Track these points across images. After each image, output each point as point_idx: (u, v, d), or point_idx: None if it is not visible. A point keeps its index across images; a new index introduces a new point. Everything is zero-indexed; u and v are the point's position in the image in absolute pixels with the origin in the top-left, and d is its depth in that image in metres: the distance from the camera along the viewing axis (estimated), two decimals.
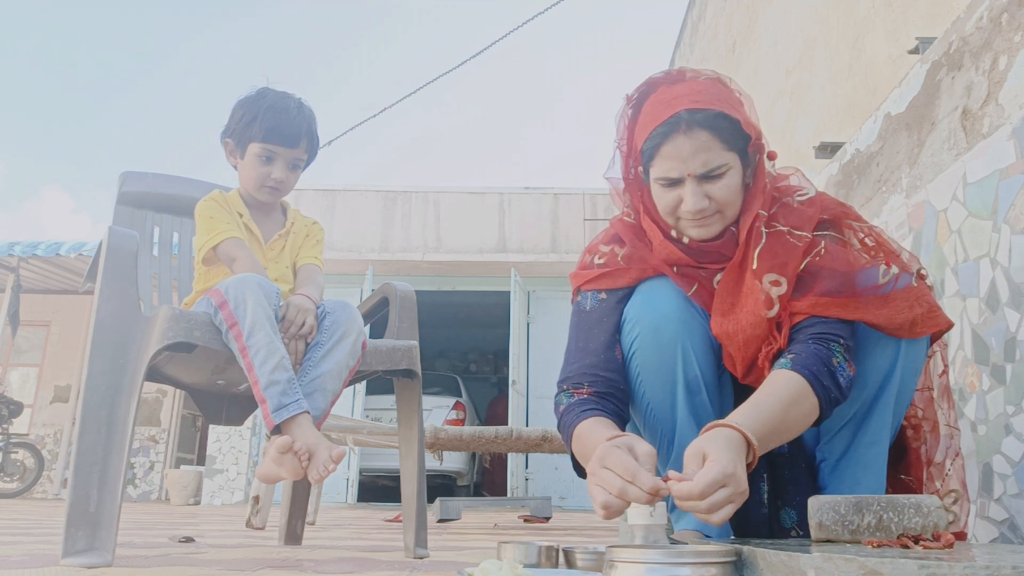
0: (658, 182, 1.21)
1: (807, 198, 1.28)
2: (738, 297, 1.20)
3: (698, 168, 1.16)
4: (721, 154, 1.17)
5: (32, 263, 7.48)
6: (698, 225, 1.21)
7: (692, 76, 1.23)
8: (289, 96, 1.77)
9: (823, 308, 1.14)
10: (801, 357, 1.10)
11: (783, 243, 1.21)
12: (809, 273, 1.18)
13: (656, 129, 1.17)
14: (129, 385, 1.44)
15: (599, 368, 1.23)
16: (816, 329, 1.14)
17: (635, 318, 1.23)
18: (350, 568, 1.42)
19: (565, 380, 1.25)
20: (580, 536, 2.95)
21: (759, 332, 1.17)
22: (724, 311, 1.21)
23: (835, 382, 1.09)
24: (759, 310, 1.17)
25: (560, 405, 1.24)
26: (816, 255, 1.20)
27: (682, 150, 1.16)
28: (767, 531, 1.25)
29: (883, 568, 0.69)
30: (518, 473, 7.52)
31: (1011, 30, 1.63)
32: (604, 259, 1.32)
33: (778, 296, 1.17)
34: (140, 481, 8.36)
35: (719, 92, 1.20)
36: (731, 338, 1.19)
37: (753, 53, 5.52)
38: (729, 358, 1.23)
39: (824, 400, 1.09)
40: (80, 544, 1.33)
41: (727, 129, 1.17)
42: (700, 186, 1.18)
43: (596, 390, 1.21)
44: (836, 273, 1.17)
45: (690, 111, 1.15)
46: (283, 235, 1.82)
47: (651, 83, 1.25)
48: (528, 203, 8.26)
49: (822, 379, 1.08)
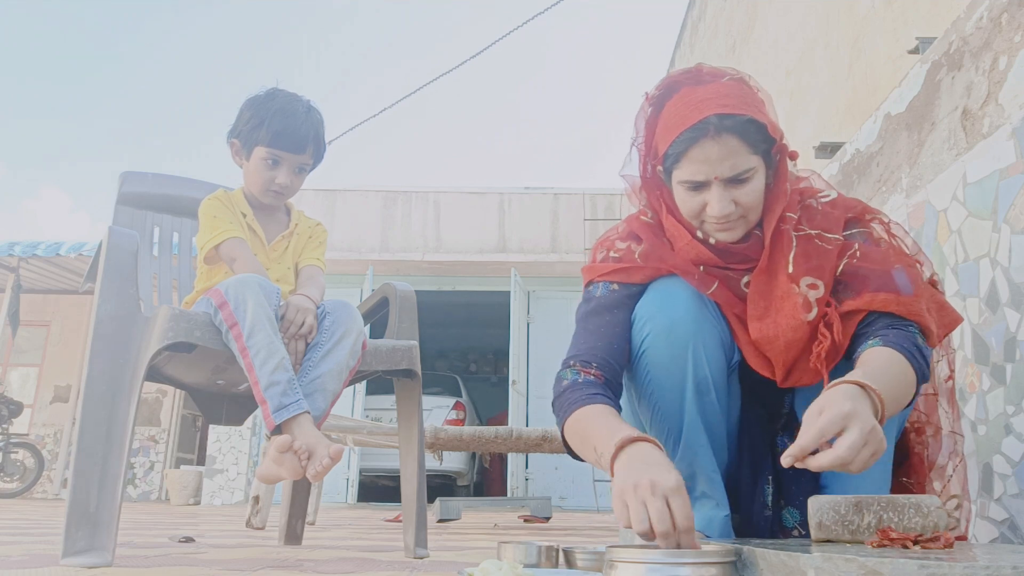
0: (683, 185, 1.21)
1: (830, 200, 1.29)
2: (772, 301, 1.20)
3: (726, 172, 1.16)
4: (748, 158, 1.16)
5: (32, 263, 7.47)
6: (723, 229, 1.21)
7: (713, 76, 1.22)
8: (298, 99, 1.75)
9: (881, 304, 1.14)
10: (889, 338, 1.10)
11: (815, 247, 1.21)
12: (851, 275, 1.19)
13: (684, 133, 1.16)
14: (129, 385, 1.44)
15: (609, 355, 1.22)
16: (887, 320, 1.14)
17: (647, 316, 1.23)
18: (350, 568, 1.42)
19: (573, 357, 1.23)
20: (580, 536, 2.95)
21: (799, 335, 1.17)
22: (759, 316, 1.20)
23: (925, 360, 1.09)
24: (797, 314, 1.17)
25: (564, 380, 1.21)
26: (852, 257, 1.20)
27: (710, 155, 1.15)
28: (769, 531, 1.25)
29: (883, 568, 0.69)
30: (518, 473, 7.52)
31: (1011, 30, 1.63)
32: (620, 255, 1.31)
33: (815, 299, 1.17)
34: (140, 481, 8.36)
35: (744, 95, 1.19)
36: (771, 342, 1.19)
37: (753, 53, 5.52)
38: (764, 362, 1.22)
39: (920, 376, 1.08)
40: (80, 544, 1.33)
41: (754, 133, 1.16)
42: (726, 190, 1.18)
43: (605, 375, 1.19)
44: (878, 273, 1.17)
45: (720, 116, 1.15)
46: (287, 236, 1.82)
47: (673, 82, 1.24)
48: (528, 203, 8.26)
49: (913, 353, 1.08)
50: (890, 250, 1.23)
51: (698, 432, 1.20)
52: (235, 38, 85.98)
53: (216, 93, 75.13)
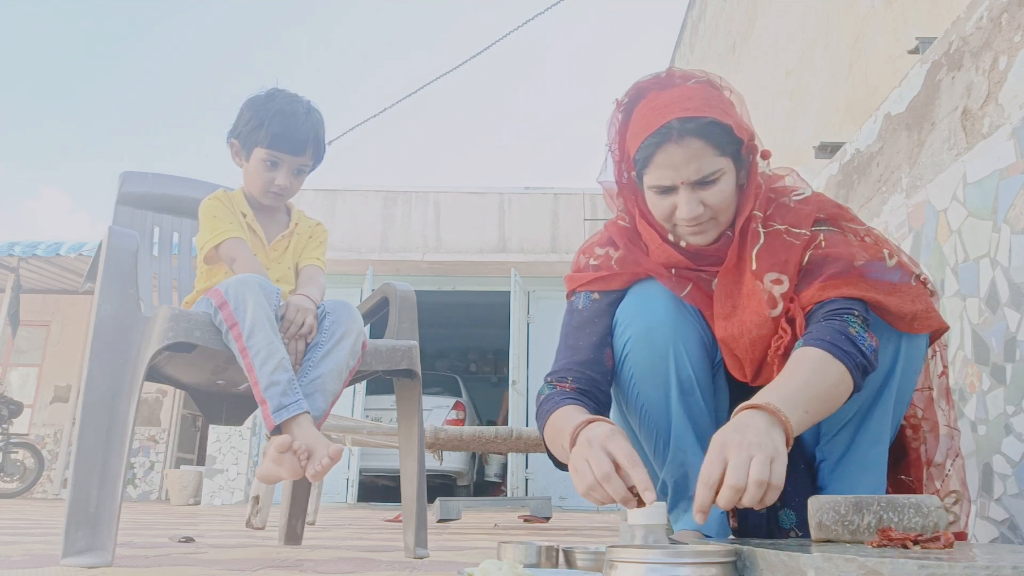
0: (652, 189, 1.21)
1: (803, 197, 1.28)
2: (738, 299, 1.20)
3: (692, 175, 1.16)
4: (714, 160, 1.16)
5: (32, 263, 7.48)
6: (694, 232, 1.22)
7: (681, 80, 1.22)
8: (298, 100, 1.75)
9: (832, 289, 1.13)
10: (813, 334, 1.09)
11: (781, 242, 1.20)
12: (813, 264, 1.18)
13: (648, 139, 1.17)
14: (129, 385, 1.44)
15: (585, 367, 1.25)
16: (827, 308, 1.12)
17: (627, 320, 1.24)
18: (350, 568, 1.42)
19: (551, 374, 1.27)
20: (580, 536, 2.95)
21: (764, 332, 1.17)
22: (726, 314, 1.21)
23: (857, 348, 1.06)
24: (762, 310, 1.17)
25: (541, 395, 1.25)
26: (816, 247, 1.20)
27: (674, 159, 1.16)
28: (766, 532, 1.25)
29: (883, 568, 0.69)
30: (518, 473, 7.52)
31: (1011, 30, 1.63)
32: (599, 261, 1.33)
33: (780, 294, 1.17)
34: (140, 481, 8.36)
35: (709, 97, 1.19)
36: (737, 340, 1.19)
37: (753, 53, 5.52)
38: (735, 362, 1.22)
39: (851, 366, 1.06)
40: (80, 544, 1.33)
41: (719, 135, 1.16)
42: (694, 193, 1.18)
43: (578, 386, 1.23)
44: (840, 259, 1.16)
45: (681, 120, 1.15)
46: (287, 235, 1.82)
47: (640, 88, 1.25)
48: (528, 203, 8.26)
49: (841, 345, 1.06)
50: (859, 242, 1.22)
51: (686, 432, 1.21)
52: (235, 38, 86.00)
53: (216, 93, 75.13)
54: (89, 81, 66.11)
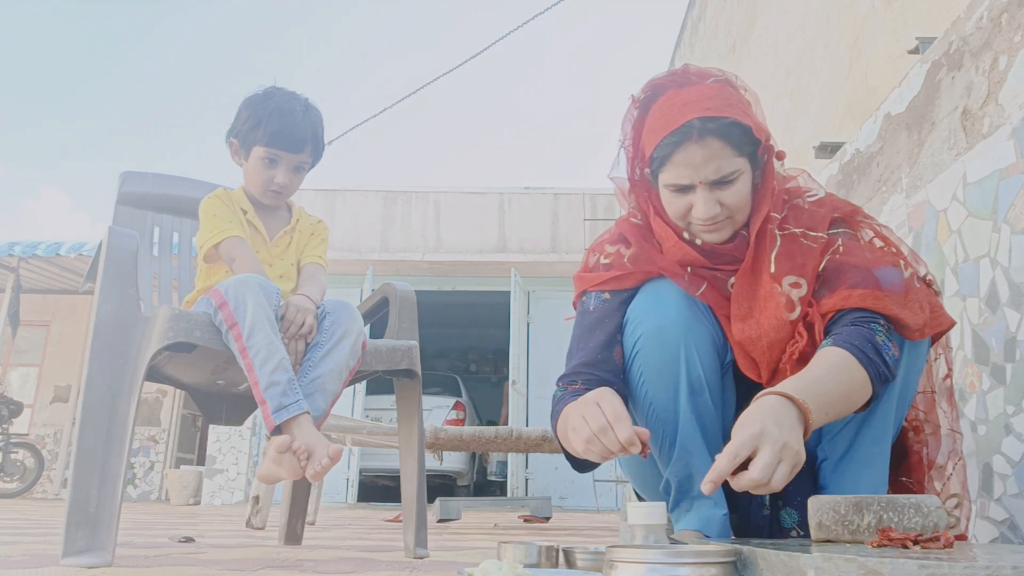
0: (668, 188, 1.21)
1: (817, 199, 1.28)
2: (755, 301, 1.20)
3: (710, 175, 1.16)
4: (733, 160, 1.17)
5: (32, 263, 7.48)
6: (709, 230, 1.22)
7: (699, 78, 1.22)
8: (296, 98, 1.75)
9: (857, 300, 1.13)
10: (842, 336, 1.09)
11: (799, 245, 1.21)
12: (831, 271, 1.19)
13: (667, 137, 1.17)
14: (129, 385, 1.44)
15: (594, 368, 1.24)
16: (853, 315, 1.13)
17: (638, 319, 1.24)
18: (350, 568, 1.42)
19: (562, 377, 1.28)
20: (580, 536, 2.95)
21: (782, 335, 1.17)
22: (743, 316, 1.21)
23: (881, 357, 1.08)
24: (780, 313, 1.17)
25: (554, 397, 1.26)
26: (835, 253, 1.20)
27: (694, 158, 1.16)
28: (767, 531, 1.25)
29: (883, 568, 0.69)
30: (518, 473, 7.52)
31: (1011, 30, 1.63)
32: (610, 259, 1.32)
33: (799, 298, 1.17)
34: (140, 481, 8.36)
35: (729, 96, 1.19)
36: (754, 343, 1.19)
37: (753, 53, 5.52)
38: (750, 363, 1.22)
39: (873, 374, 1.07)
40: (80, 544, 1.33)
41: (739, 135, 1.16)
42: (711, 192, 1.18)
43: (588, 387, 1.22)
44: (859, 268, 1.17)
45: (702, 119, 1.14)
46: (288, 232, 1.82)
47: (658, 85, 1.24)
48: (528, 203, 8.26)
49: (867, 352, 1.07)
50: (876, 249, 1.23)
51: (693, 432, 1.20)
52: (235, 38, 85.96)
53: (216, 93, 75.06)
54: (89, 81, 66.10)
